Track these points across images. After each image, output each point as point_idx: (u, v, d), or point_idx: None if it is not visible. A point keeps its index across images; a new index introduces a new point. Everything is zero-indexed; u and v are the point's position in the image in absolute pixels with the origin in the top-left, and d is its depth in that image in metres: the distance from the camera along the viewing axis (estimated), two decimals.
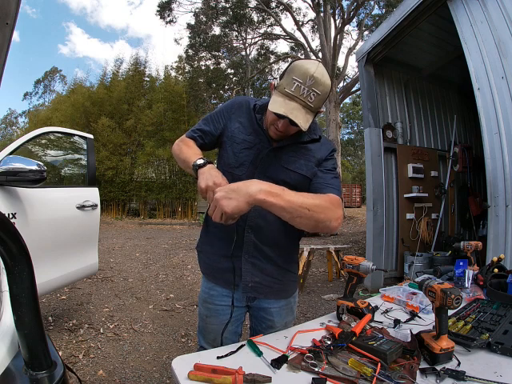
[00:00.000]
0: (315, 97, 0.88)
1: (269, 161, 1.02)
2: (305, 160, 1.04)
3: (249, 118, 1.08)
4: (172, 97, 13.05)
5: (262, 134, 1.05)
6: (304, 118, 0.88)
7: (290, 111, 0.87)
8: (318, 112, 0.97)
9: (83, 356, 2.26)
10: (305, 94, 0.87)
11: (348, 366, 0.77)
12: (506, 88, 2.44)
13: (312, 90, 0.87)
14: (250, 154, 1.04)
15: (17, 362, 0.60)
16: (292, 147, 1.04)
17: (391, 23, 3.65)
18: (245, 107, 1.10)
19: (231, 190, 0.81)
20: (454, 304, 0.78)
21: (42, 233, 2.10)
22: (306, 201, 0.85)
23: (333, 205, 0.93)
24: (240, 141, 1.06)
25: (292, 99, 0.88)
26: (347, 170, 30.73)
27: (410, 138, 4.63)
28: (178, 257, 5.84)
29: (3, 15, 0.66)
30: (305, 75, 0.86)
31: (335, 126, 11.77)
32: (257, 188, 0.80)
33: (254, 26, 14.39)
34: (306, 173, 1.03)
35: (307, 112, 0.89)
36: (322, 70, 0.89)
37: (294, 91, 0.88)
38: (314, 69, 0.87)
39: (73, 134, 2.70)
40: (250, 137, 1.05)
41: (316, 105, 0.90)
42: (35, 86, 32.61)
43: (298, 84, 0.87)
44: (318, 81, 0.87)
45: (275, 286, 1.11)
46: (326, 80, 0.89)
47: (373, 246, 4.04)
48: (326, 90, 0.89)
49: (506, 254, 2.30)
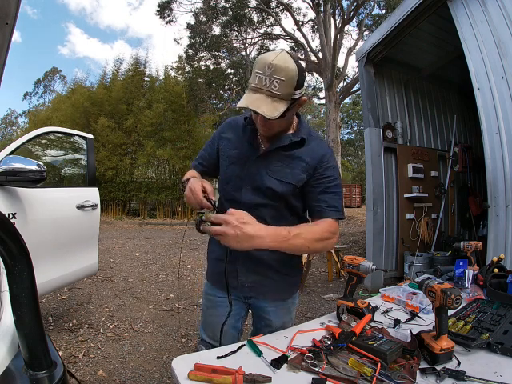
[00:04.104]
0: (279, 83, 0.87)
1: (255, 170, 1.05)
2: (290, 168, 1.04)
3: (237, 133, 1.12)
4: (172, 97, 13.02)
5: (251, 145, 1.08)
6: (270, 107, 0.88)
7: (251, 102, 0.89)
8: (297, 100, 0.94)
9: (83, 356, 2.26)
10: (267, 83, 0.88)
11: (348, 366, 0.77)
12: (506, 88, 2.44)
13: (273, 77, 0.87)
14: (236, 169, 1.08)
15: (17, 362, 0.60)
16: (278, 156, 1.05)
17: (391, 23, 3.65)
18: (233, 124, 1.15)
19: (243, 238, 0.82)
20: (453, 304, 0.78)
21: (42, 233, 2.10)
22: (306, 242, 0.93)
23: (331, 233, 1.00)
24: (226, 157, 1.12)
25: (256, 91, 0.90)
26: (347, 170, 30.70)
27: (410, 138, 4.62)
28: (178, 257, 5.83)
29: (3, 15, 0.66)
30: (264, 65, 0.88)
31: (335, 126, 11.76)
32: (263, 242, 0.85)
33: (253, 26, 14.38)
34: (292, 181, 1.03)
35: (274, 100, 0.89)
36: (284, 56, 0.89)
37: (257, 83, 0.89)
38: (273, 57, 0.88)
39: (73, 134, 2.70)
40: (236, 151, 1.10)
41: (284, 91, 0.88)
42: (35, 86, 32.65)
43: (260, 76, 0.88)
44: (279, 67, 0.87)
45: (271, 287, 1.12)
46: (289, 65, 0.88)
47: (373, 245, 4.04)
48: (291, 74, 0.88)
49: (506, 254, 2.30)
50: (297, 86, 0.91)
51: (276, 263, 1.09)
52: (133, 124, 12.83)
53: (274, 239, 0.87)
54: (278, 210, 1.07)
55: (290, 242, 0.89)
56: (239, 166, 1.08)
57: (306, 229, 0.95)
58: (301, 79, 0.91)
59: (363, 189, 21.30)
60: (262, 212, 1.05)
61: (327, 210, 1.02)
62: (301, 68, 0.91)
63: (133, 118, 12.82)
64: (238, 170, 1.08)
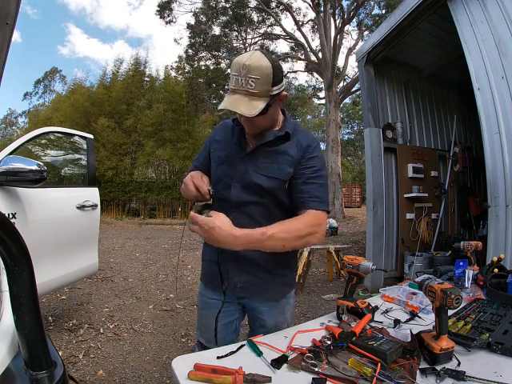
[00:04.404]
0: (255, 82, 0.90)
1: (244, 168, 1.06)
2: (277, 164, 1.04)
3: (226, 134, 1.15)
4: (172, 97, 13.02)
5: (239, 145, 1.10)
6: (248, 105, 0.91)
7: (230, 103, 0.92)
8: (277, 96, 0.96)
9: (83, 356, 2.26)
10: (243, 83, 0.91)
11: (348, 366, 0.77)
12: (506, 88, 2.44)
13: (248, 77, 0.90)
14: (225, 168, 1.10)
15: (17, 362, 0.60)
16: (264, 153, 1.06)
17: (391, 23, 3.65)
18: (224, 126, 1.19)
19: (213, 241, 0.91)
20: (453, 304, 0.78)
21: (42, 233, 2.10)
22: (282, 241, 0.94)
23: (314, 227, 0.98)
24: (216, 159, 1.14)
25: (234, 92, 0.94)
26: (347, 169, 30.70)
27: (410, 138, 4.62)
28: (179, 257, 5.84)
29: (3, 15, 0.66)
30: (239, 66, 0.91)
31: (335, 126, 11.77)
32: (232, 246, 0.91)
33: (253, 26, 14.36)
34: (279, 176, 1.04)
35: (252, 99, 0.92)
36: (257, 56, 0.92)
37: (234, 85, 0.93)
38: (247, 58, 0.91)
39: (73, 134, 2.70)
40: (224, 152, 1.12)
41: (261, 89, 0.91)
42: (35, 86, 32.65)
43: (236, 77, 0.92)
44: (253, 67, 0.90)
45: (262, 287, 1.12)
46: (263, 63, 0.91)
47: (373, 245, 4.04)
48: (265, 72, 0.91)
49: (506, 254, 2.30)
50: (273, 83, 0.93)
51: (265, 262, 1.08)
52: (133, 124, 12.83)
53: (244, 243, 0.91)
54: (268, 208, 1.06)
55: (264, 244, 0.92)
56: (228, 166, 1.10)
57: (283, 228, 0.95)
58: (277, 76, 0.93)
59: (363, 189, 21.31)
60: (251, 210, 1.05)
61: (309, 200, 1.01)
62: (276, 65, 0.93)
63: (133, 118, 12.82)
64: (226, 169, 1.10)
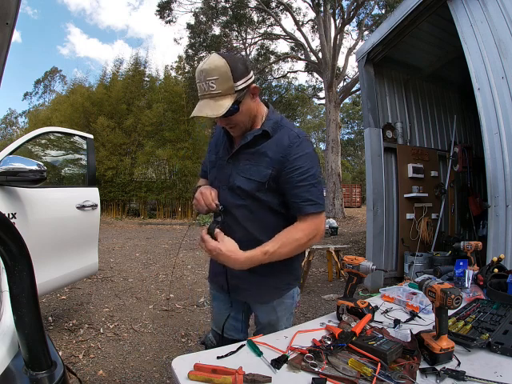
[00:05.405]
0: (215, 83, 0.92)
1: (229, 171, 1.08)
2: (256, 166, 1.03)
3: (218, 138, 1.19)
4: (172, 97, 13.02)
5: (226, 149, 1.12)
6: (213, 107, 0.94)
7: (198, 110, 0.96)
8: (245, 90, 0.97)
9: (83, 356, 2.26)
10: (205, 87, 0.94)
11: (348, 366, 0.77)
12: (506, 88, 2.44)
13: (207, 80, 0.93)
14: (215, 172, 1.14)
15: (17, 362, 0.60)
16: (246, 155, 1.06)
17: (391, 23, 3.64)
18: (218, 131, 1.20)
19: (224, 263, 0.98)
20: (453, 304, 0.78)
21: (42, 233, 2.10)
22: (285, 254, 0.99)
23: (312, 231, 1.02)
24: (209, 162, 1.19)
25: (201, 98, 0.97)
26: (347, 169, 30.70)
27: (410, 138, 4.62)
28: (178, 257, 5.84)
29: (3, 15, 0.67)
30: (198, 73, 0.95)
31: (335, 126, 11.77)
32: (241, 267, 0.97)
33: (254, 26, 14.38)
34: (257, 178, 1.02)
35: (217, 100, 0.94)
36: (211, 58, 0.94)
37: (199, 92, 0.97)
38: (203, 63, 0.94)
39: (73, 134, 2.70)
40: (213, 155, 1.17)
41: (222, 87, 0.93)
42: (35, 86, 32.68)
43: (198, 84, 0.96)
44: (209, 69, 0.92)
45: (252, 290, 1.13)
46: (217, 63, 0.92)
47: (373, 246, 4.03)
48: (222, 70, 0.92)
49: (506, 254, 2.30)
50: (235, 78, 0.93)
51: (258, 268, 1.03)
52: (133, 124, 12.83)
53: (249, 264, 0.97)
54: (252, 212, 1.05)
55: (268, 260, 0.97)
56: (217, 169, 1.13)
57: (283, 241, 0.98)
58: (236, 70, 0.93)
59: (363, 189, 21.30)
60: (236, 214, 1.06)
61: (303, 205, 1.00)
62: (232, 60, 0.94)
63: (133, 118, 12.82)
64: (215, 172, 1.14)
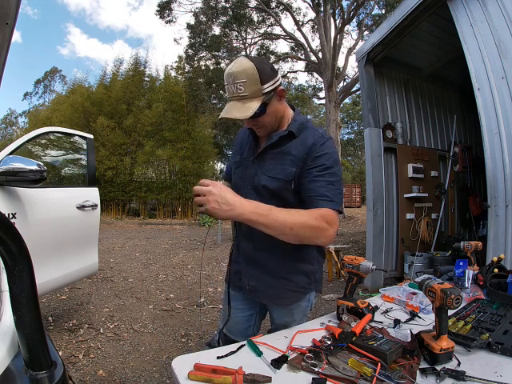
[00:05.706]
0: (243, 86, 0.94)
1: (254, 171, 1.10)
2: (281, 165, 1.04)
3: (243, 139, 1.21)
4: (172, 97, 13.02)
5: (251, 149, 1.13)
6: (241, 109, 0.95)
7: (226, 111, 0.98)
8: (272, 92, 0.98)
9: (83, 356, 2.26)
10: (234, 90, 0.96)
11: (348, 366, 0.77)
12: (506, 88, 2.44)
13: (235, 83, 0.94)
14: (239, 172, 1.16)
15: (17, 362, 0.60)
16: (271, 155, 1.07)
17: (391, 23, 3.64)
18: (242, 132, 1.24)
19: (225, 203, 0.84)
20: (453, 304, 0.78)
21: (42, 233, 2.10)
22: (290, 220, 0.89)
23: (323, 222, 0.92)
24: (233, 164, 1.21)
25: (230, 100, 1.00)
26: (347, 169, 30.70)
27: (410, 137, 4.62)
28: (178, 257, 5.84)
29: (3, 15, 0.67)
30: (227, 76, 0.97)
31: (335, 126, 11.77)
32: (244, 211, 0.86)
33: (254, 26, 14.36)
34: (282, 176, 1.03)
35: (245, 102, 0.96)
36: (239, 61, 0.95)
37: (228, 94, 0.99)
38: (231, 67, 0.96)
39: (73, 134, 2.70)
40: (238, 156, 1.19)
41: (250, 90, 0.94)
42: (35, 86, 32.72)
43: (227, 86, 0.98)
44: (237, 73, 0.94)
45: (269, 292, 1.12)
46: (246, 66, 0.94)
47: (373, 246, 4.03)
48: (249, 73, 0.93)
49: (506, 254, 2.30)
50: (262, 81, 0.95)
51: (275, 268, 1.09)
52: (133, 124, 12.84)
53: (254, 210, 0.87)
54: None
55: (271, 217, 0.87)
56: (241, 170, 1.15)
57: (291, 211, 0.92)
58: (263, 73, 0.95)
59: (363, 189, 21.30)
60: None
61: (317, 199, 0.96)
62: (259, 63, 0.95)
63: (133, 118, 12.83)
64: (240, 173, 1.15)
